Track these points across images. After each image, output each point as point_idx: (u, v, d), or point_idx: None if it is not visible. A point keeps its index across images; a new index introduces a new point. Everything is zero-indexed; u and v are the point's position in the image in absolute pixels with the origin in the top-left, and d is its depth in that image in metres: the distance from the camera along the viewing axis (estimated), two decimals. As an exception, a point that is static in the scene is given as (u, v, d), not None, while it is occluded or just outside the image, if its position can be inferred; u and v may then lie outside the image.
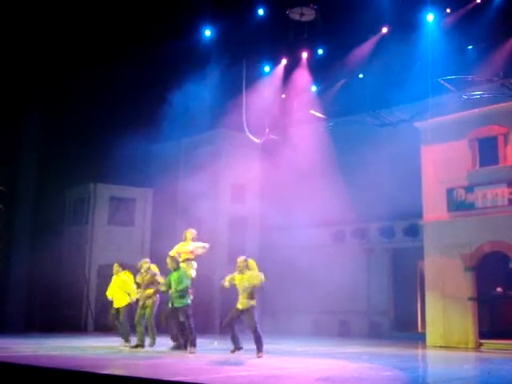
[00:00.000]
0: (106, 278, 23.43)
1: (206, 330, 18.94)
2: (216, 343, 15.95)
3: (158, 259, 14.30)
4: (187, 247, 13.53)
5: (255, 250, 24.39)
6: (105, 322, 21.79)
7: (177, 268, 12.40)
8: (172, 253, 13.17)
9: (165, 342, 13.23)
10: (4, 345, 13.55)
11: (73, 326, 21.59)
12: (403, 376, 8.90)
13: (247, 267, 11.39)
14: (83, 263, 22.76)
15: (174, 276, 12.27)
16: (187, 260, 13.29)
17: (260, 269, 11.45)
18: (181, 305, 12.05)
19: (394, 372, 9.28)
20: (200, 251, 13.61)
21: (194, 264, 13.43)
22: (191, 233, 13.78)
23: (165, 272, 12.97)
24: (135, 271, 13.67)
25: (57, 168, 22.53)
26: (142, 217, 23.92)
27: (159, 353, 12.31)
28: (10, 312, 16.59)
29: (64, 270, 23.01)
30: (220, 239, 23.46)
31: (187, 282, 12.20)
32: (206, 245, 13.66)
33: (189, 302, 12.21)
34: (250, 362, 11.06)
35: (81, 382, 7.96)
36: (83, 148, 21.59)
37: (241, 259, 11.48)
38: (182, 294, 12.06)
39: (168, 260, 12.57)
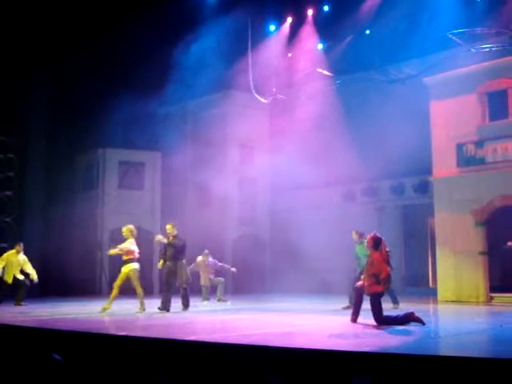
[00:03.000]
0: (118, 241, 23.68)
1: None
2: (229, 303, 16.15)
3: (169, 222, 14.31)
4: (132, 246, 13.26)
5: (265, 210, 24.50)
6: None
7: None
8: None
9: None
10: (22, 309, 13.81)
11: (87, 290, 21.88)
12: (416, 330, 9.00)
13: None
14: (95, 228, 22.94)
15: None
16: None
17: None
18: None
19: (406, 327, 9.38)
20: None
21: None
22: (130, 229, 13.44)
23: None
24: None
25: (65, 134, 22.54)
26: (152, 180, 23.98)
27: (172, 314, 12.48)
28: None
29: (76, 235, 23.20)
30: (230, 201, 23.53)
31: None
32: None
33: None
34: (261, 320, 11.22)
35: (98, 344, 8.11)
36: (91, 113, 21.54)
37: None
38: None
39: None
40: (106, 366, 7.50)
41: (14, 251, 15.73)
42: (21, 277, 15.61)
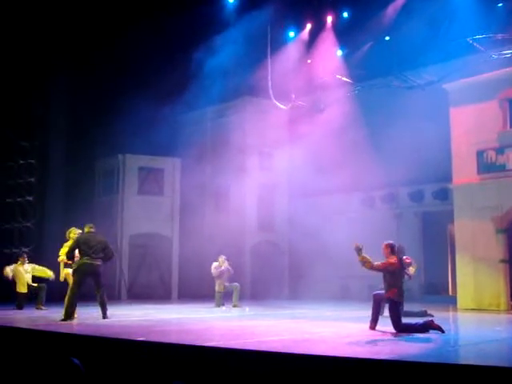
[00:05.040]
0: (137, 247, 23.93)
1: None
2: (248, 309, 16.13)
3: (188, 228, 14.38)
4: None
5: (284, 216, 24.48)
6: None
7: None
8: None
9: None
10: (42, 313, 13.92)
11: (106, 295, 21.94)
12: (435, 338, 8.93)
13: None
14: (115, 233, 23.07)
15: None
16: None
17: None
18: None
19: (425, 334, 9.32)
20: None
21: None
22: (74, 232, 13.31)
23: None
24: None
25: (86, 140, 22.73)
26: (171, 186, 24.11)
27: (192, 319, 12.51)
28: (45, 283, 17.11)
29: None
30: (249, 206, 23.56)
31: None
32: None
33: None
34: (280, 326, 11.20)
35: (116, 349, 8.15)
36: (111, 119, 21.71)
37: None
38: None
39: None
40: (124, 371, 7.53)
41: (19, 263, 16.16)
42: (34, 284, 15.92)
